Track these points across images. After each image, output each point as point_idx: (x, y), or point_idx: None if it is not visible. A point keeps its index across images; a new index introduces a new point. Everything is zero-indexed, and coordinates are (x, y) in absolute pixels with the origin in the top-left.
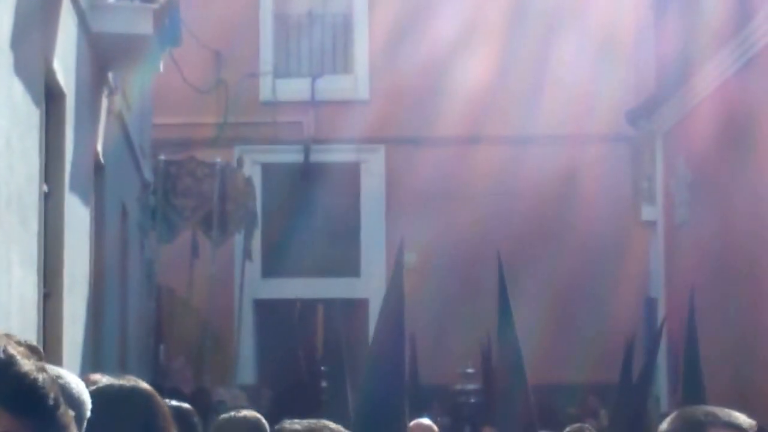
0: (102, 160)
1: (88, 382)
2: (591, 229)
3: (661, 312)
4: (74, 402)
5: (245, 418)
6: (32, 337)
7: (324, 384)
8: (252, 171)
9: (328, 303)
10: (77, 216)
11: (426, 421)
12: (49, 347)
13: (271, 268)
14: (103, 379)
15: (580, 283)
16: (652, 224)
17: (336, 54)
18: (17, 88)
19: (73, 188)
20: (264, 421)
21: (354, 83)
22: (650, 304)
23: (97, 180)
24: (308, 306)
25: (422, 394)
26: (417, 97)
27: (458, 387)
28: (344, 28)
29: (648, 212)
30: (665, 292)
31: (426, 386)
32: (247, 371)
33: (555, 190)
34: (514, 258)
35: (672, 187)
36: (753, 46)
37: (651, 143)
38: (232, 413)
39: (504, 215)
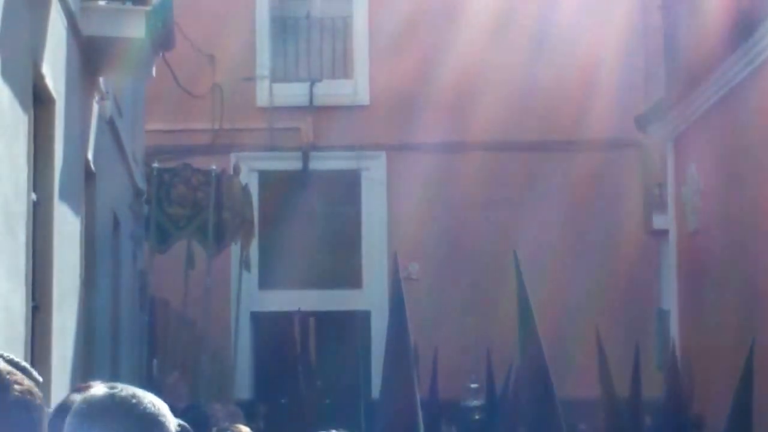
0: (93, 167)
1: (86, 390)
2: (600, 239)
3: (673, 324)
4: None
5: None
6: (20, 352)
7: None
8: (249, 178)
9: (329, 316)
10: (67, 226)
11: None
12: (37, 362)
13: (268, 280)
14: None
15: (590, 295)
16: (663, 233)
17: (335, 57)
18: (4, 93)
19: (62, 197)
20: None
21: (354, 88)
22: (662, 317)
23: (87, 188)
24: (307, 319)
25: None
26: (419, 102)
27: (463, 403)
28: (344, 31)
29: (659, 221)
30: (677, 304)
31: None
32: (243, 386)
33: (564, 198)
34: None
35: (684, 195)
36: (765, 50)
37: (662, 149)
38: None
39: (511, 223)
